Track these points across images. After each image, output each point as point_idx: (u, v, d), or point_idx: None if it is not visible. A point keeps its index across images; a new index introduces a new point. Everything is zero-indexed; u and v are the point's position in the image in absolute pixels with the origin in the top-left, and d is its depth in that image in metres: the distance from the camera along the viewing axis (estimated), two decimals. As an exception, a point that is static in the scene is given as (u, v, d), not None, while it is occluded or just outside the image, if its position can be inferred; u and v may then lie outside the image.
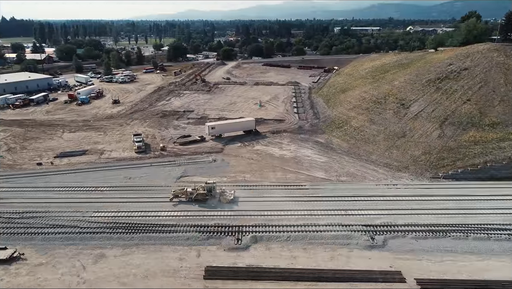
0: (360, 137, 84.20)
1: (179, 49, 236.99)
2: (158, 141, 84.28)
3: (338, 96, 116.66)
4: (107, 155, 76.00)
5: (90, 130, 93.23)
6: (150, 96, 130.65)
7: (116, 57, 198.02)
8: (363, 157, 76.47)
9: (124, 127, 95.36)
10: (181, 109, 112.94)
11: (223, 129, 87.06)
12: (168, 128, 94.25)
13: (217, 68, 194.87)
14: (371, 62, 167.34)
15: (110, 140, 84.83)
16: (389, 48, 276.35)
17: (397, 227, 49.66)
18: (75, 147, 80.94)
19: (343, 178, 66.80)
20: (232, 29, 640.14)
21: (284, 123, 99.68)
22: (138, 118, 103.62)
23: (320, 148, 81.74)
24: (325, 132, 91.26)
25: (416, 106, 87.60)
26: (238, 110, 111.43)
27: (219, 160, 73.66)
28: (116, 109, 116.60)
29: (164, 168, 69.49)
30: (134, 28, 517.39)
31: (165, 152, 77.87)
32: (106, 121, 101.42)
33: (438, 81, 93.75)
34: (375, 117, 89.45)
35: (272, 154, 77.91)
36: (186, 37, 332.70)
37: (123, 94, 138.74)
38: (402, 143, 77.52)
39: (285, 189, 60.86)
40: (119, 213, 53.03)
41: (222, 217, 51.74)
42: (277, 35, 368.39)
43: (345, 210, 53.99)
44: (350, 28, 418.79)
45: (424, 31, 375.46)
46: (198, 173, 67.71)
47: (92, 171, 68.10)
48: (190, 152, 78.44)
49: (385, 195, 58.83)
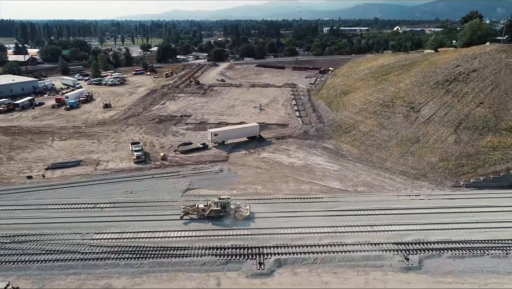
0: (370, 143, 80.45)
1: (168, 50, 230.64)
2: (157, 150, 78.87)
3: (340, 98, 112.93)
4: (103, 166, 70.26)
5: (83, 137, 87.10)
6: (143, 99, 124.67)
7: (104, 59, 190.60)
8: (376, 164, 72.69)
9: (119, 134, 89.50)
10: (178, 113, 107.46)
11: (227, 136, 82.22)
12: (166, 135, 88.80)
13: (210, 70, 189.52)
14: (368, 63, 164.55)
15: (105, 149, 78.98)
16: (380, 48, 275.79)
17: (430, 244, 45.86)
18: (68, 157, 74.89)
19: (360, 188, 62.81)
20: (219, 29, 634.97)
21: (288, 128, 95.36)
22: (133, 124, 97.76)
23: (330, 155, 77.68)
24: (333, 138, 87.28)
25: (427, 109, 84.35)
26: (237, 115, 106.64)
27: (225, 170, 68.79)
28: (108, 114, 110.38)
29: (168, 180, 64.25)
30: (120, 28, 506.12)
31: (167, 162, 72.58)
32: (99, 127, 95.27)
33: (446, 83, 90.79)
34: (385, 122, 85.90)
35: (280, 162, 73.44)
36: (175, 37, 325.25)
37: (114, 97, 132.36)
38: (416, 149, 74.03)
39: (302, 202, 56.50)
40: (123, 234, 47.79)
41: (240, 237, 47.04)
42: (266, 35, 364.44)
43: (370, 226, 49.99)
44: (339, 28, 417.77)
45: (413, 31, 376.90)
46: (205, 185, 62.75)
47: (89, 184, 62.38)
48: (193, 161, 73.32)
49: (409, 207, 55.03)
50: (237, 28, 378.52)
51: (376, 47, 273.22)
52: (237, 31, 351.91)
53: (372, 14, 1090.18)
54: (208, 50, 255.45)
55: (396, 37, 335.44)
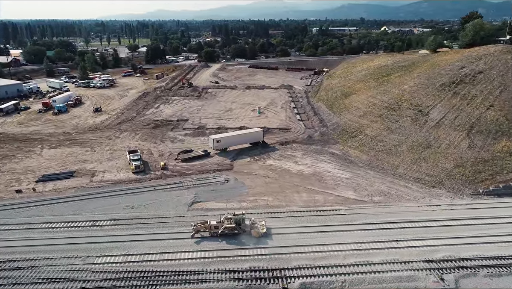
0: (380, 148, 77.31)
1: (157, 50, 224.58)
2: (156, 158, 74.07)
3: (341, 101, 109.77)
4: (100, 177, 65.15)
5: (74, 145, 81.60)
6: (136, 103, 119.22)
7: (91, 60, 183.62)
8: (389, 171, 69.52)
9: (114, 141, 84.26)
10: (174, 118, 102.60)
11: (229, 142, 77.96)
12: (164, 142, 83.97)
13: (202, 71, 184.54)
14: (363, 63, 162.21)
15: (100, 158, 73.77)
16: (371, 48, 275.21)
17: (463, 261, 42.64)
18: (60, 167, 69.50)
19: (376, 197, 59.41)
20: (206, 29, 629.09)
21: (290, 132, 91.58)
22: (128, 130, 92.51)
23: (339, 161, 74.21)
24: (339, 143, 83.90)
25: (436, 113, 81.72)
26: (236, 118, 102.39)
27: (231, 180, 64.53)
28: (99, 118, 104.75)
29: (171, 192, 59.66)
30: (105, 28, 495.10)
31: (167, 171, 67.90)
32: (91, 134, 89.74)
33: (453, 85, 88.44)
34: (392, 125, 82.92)
35: (288, 170, 69.59)
36: (163, 38, 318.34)
37: (104, 101, 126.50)
38: (429, 154, 71.13)
39: (318, 216, 52.73)
40: (128, 256, 43.18)
41: (258, 258, 42.92)
42: (256, 36, 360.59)
43: (396, 241, 46.54)
44: (328, 28, 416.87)
45: (402, 32, 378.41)
46: (211, 197, 58.41)
47: (86, 198, 57.31)
48: (195, 170, 68.83)
49: (432, 219, 51.84)
50: (226, 28, 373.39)
51: (367, 48, 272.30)
52: (226, 31, 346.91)
53: (357, 14, 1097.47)
54: (198, 50, 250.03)
55: (386, 37, 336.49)
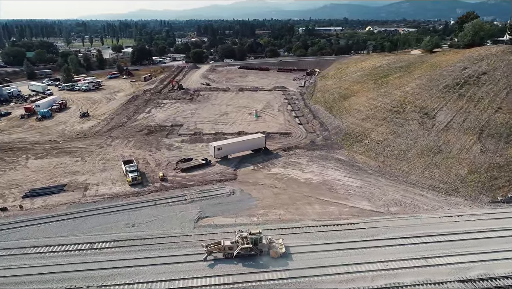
0: (388, 153, 74.26)
1: (144, 51, 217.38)
2: (153, 168, 69.14)
3: (340, 103, 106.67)
4: (93, 191, 59.89)
5: (63, 154, 75.79)
6: (126, 107, 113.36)
7: (75, 61, 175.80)
8: (400, 178, 66.47)
9: (105, 149, 78.78)
10: (168, 123, 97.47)
11: (231, 150, 73.62)
12: (160, 149, 78.97)
13: (191, 72, 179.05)
14: (356, 64, 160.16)
15: (92, 169, 68.33)
16: (359, 48, 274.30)
17: (500, 280, 39.65)
18: (48, 180, 63.84)
19: (392, 208, 56.14)
20: (190, 29, 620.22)
21: (292, 137, 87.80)
22: (119, 136, 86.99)
23: (347, 168, 70.80)
24: (344, 148, 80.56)
25: (443, 116, 79.27)
26: (234, 123, 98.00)
27: (237, 191, 60.23)
28: (87, 124, 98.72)
29: (173, 207, 54.99)
30: (86, 28, 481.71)
31: (167, 183, 63.10)
32: (80, 141, 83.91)
33: (457, 87, 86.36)
34: (398, 129, 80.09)
35: (295, 179, 65.73)
36: (148, 38, 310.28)
37: (90, 105, 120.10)
38: (440, 160, 68.42)
39: (336, 230, 49.04)
40: (134, 285, 38.52)
41: (280, 282, 38.91)
42: (243, 36, 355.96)
43: (424, 258, 43.26)
44: (314, 28, 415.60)
45: (388, 31, 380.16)
46: (218, 211, 54.03)
47: (80, 216, 52.13)
48: (197, 180, 64.23)
49: (457, 232, 48.83)
50: (212, 29, 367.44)
51: (355, 48, 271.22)
52: (213, 32, 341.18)
53: (340, 14, 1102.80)
54: (185, 51, 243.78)
55: (372, 37, 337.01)
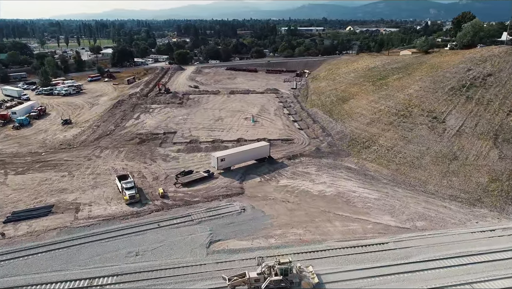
0: (400, 160, 70.39)
1: (125, 52, 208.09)
2: (151, 183, 62.77)
3: (340, 106, 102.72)
4: (86, 212, 53.15)
5: (47, 169, 68.31)
6: (112, 113, 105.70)
7: (52, 64, 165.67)
8: (418, 188, 62.63)
9: (95, 162, 71.68)
10: (159, 130, 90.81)
11: (235, 160, 68.04)
12: (155, 161, 72.51)
13: (177, 74, 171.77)
14: (348, 65, 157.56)
15: (82, 186, 61.36)
16: (344, 48, 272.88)
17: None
18: (33, 201, 56.60)
19: (418, 222, 52.03)
20: (169, 29, 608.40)
21: (295, 144, 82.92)
22: (109, 147, 79.88)
23: (359, 177, 66.45)
24: (351, 155, 76.30)
25: (453, 120, 76.20)
26: (230, 129, 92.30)
27: (248, 208, 54.78)
28: (70, 132, 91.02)
29: (180, 229, 49.05)
30: (61, 28, 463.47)
31: (169, 200, 56.97)
32: (65, 153, 76.39)
33: (464, 89, 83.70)
34: (408, 134, 76.48)
35: (308, 191, 60.84)
36: (127, 39, 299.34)
37: (72, 111, 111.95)
38: (457, 167, 65.02)
39: (366, 252, 44.37)
40: (148, 333, 32.64)
41: (319, 323, 33.88)
42: (225, 36, 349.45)
43: (469, 284, 39.06)
44: (297, 28, 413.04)
45: (370, 32, 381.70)
46: (231, 233, 48.47)
47: (73, 244, 45.48)
48: (202, 196, 58.39)
49: (495, 249, 45.07)
50: (195, 29, 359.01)
51: (340, 48, 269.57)
52: (195, 32, 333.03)
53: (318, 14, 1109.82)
54: (168, 52, 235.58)
55: (355, 37, 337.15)
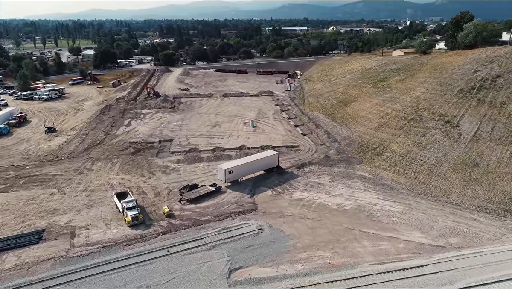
0: (417, 168, 66.52)
1: (108, 54, 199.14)
2: (153, 200, 56.68)
3: (342, 110, 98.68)
4: (83, 238, 46.73)
5: (33, 185, 61.21)
6: (100, 119, 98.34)
7: (31, 66, 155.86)
8: (441, 198, 58.80)
9: (86, 176, 64.90)
10: (154, 138, 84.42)
11: (243, 172, 62.65)
12: (154, 173, 66.29)
13: (164, 77, 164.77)
14: (341, 66, 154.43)
15: (75, 205, 54.74)
16: (331, 48, 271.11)
17: None
18: (19, 225, 49.72)
19: (451, 238, 48.00)
20: (149, 29, 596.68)
21: (301, 151, 78.17)
22: (100, 158, 73.07)
23: (376, 188, 62.21)
24: (363, 162, 72.08)
25: (467, 124, 72.96)
26: (230, 136, 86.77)
27: (265, 227, 49.54)
28: (55, 142, 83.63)
29: (193, 256, 43.34)
30: (36, 28, 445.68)
31: (175, 220, 51.11)
32: (52, 166, 69.18)
33: (474, 91, 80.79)
34: (421, 140, 72.78)
35: (326, 205, 56.10)
36: (109, 39, 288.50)
37: (56, 117, 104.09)
38: (480, 175, 61.56)
39: (405, 278, 39.81)
40: None
41: None
42: (210, 36, 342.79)
43: (528, 313, 34.96)
44: (281, 28, 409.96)
45: (355, 31, 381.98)
46: (252, 259, 43.09)
47: (72, 279, 39.14)
48: (211, 214, 52.79)
49: (543, 270, 41.26)
50: (179, 29, 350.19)
51: (327, 48, 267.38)
52: (179, 32, 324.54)
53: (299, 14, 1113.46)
54: (152, 53, 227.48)
55: (340, 37, 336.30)
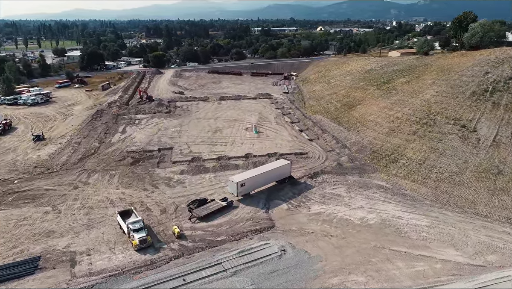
0: (437, 177, 62.98)
1: (95, 55, 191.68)
2: (159, 218, 51.54)
3: (347, 113, 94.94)
4: (85, 265, 41.41)
5: (24, 202, 55.36)
6: (92, 126, 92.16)
7: (14, 69, 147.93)
8: (467, 210, 55.31)
9: (83, 190, 59.27)
10: (153, 146, 79.02)
11: (256, 184, 58.00)
12: (157, 187, 61.05)
13: (156, 79, 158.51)
14: (339, 67, 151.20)
15: (73, 226, 49.21)
16: (322, 49, 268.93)
17: None
18: (11, 251, 44.03)
19: (489, 256, 44.37)
20: (135, 30, 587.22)
21: (311, 158, 73.98)
22: (96, 169, 67.39)
23: (397, 198, 58.42)
24: (379, 170, 68.25)
25: (485, 128, 69.88)
26: (234, 142, 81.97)
27: (288, 248, 45.02)
28: (45, 151, 77.54)
29: (214, 284, 38.52)
30: (18, 29, 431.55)
31: (187, 241, 46.14)
32: (43, 179, 63.21)
33: (487, 94, 77.91)
34: (438, 146, 69.38)
35: (348, 220, 51.96)
36: (95, 40, 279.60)
37: (43, 124, 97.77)
38: (506, 184, 58.34)
39: (453, 306, 35.96)
40: None
41: None
42: (198, 37, 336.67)
43: None
44: (270, 28, 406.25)
45: (344, 32, 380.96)
46: (279, 287, 38.56)
47: (77, 319, 34.09)
48: (226, 233, 47.99)
49: None
50: (168, 29, 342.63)
51: (319, 48, 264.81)
52: (168, 33, 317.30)
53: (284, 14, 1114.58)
54: (142, 54, 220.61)
55: (329, 37, 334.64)
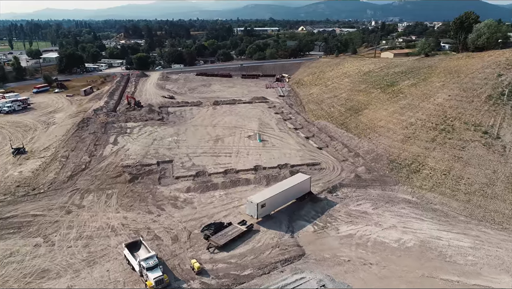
0: (467, 189, 58.59)
1: (74, 57, 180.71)
2: (171, 247, 44.65)
3: (355, 119, 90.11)
4: (92, 316, 34.40)
5: (8, 233, 47.29)
6: (79, 136, 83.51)
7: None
8: (506, 225, 51.02)
9: (77, 215, 51.60)
10: (150, 159, 71.60)
11: (276, 204, 51.90)
12: (163, 208, 53.98)
13: (142, 82, 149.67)
14: (333, 68, 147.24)
15: (70, 262, 41.73)
16: (308, 49, 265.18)
17: None
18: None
19: (548, 283, 39.94)
20: (111, 30, 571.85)
21: (326, 170, 68.45)
22: (90, 188, 59.59)
23: (430, 215, 53.57)
24: (401, 182, 63.43)
25: (508, 135, 66.12)
26: (239, 153, 75.52)
27: (327, 282, 39.14)
28: (27, 167, 68.96)
29: (251, 336, 32.35)
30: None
31: (209, 278, 39.59)
32: (29, 203, 55.04)
33: (504, 97, 74.51)
34: (462, 154, 65.17)
35: (384, 242, 46.61)
36: (72, 41, 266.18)
37: (23, 134, 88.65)
38: (542, 196, 54.54)
39: None
40: None
41: None
42: (180, 37, 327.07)
43: None
44: (253, 29, 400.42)
45: (327, 32, 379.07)
46: (329, 335, 32.75)
47: None
48: (252, 265, 41.64)
49: None
50: (149, 30, 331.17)
51: (305, 49, 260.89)
52: (149, 33, 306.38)
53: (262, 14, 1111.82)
54: (123, 56, 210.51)
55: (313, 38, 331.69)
